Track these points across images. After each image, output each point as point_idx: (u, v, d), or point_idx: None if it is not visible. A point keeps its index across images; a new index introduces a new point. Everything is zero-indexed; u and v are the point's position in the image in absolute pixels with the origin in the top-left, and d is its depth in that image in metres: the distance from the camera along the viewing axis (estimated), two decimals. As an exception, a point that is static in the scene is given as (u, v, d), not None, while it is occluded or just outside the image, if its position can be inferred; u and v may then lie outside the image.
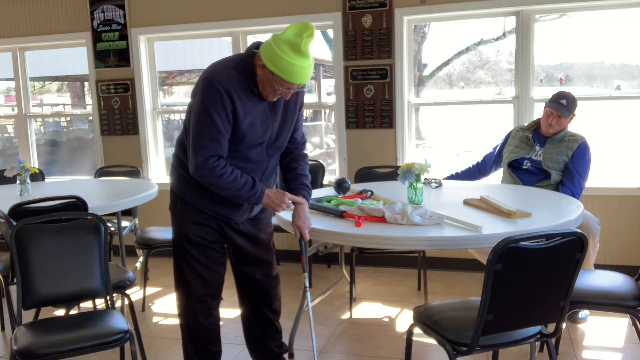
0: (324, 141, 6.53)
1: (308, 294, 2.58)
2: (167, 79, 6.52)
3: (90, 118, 5.62)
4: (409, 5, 4.32)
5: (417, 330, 2.33)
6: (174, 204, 2.60)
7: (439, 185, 3.50)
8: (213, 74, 2.30)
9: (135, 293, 4.17)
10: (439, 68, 5.23)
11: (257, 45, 2.33)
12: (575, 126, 3.71)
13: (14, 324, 2.92)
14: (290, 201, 2.47)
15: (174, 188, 2.58)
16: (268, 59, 2.22)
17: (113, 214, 3.76)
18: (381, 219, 2.59)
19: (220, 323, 2.75)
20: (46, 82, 7.87)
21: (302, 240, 2.52)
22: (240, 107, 2.30)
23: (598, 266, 3.67)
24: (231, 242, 2.63)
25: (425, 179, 3.45)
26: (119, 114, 5.16)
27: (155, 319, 3.80)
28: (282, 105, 2.47)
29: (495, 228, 2.43)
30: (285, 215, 2.75)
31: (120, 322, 2.47)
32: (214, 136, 2.28)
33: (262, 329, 2.80)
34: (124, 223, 4.28)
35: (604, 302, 2.53)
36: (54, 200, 3.08)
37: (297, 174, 2.59)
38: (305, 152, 2.70)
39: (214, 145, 2.29)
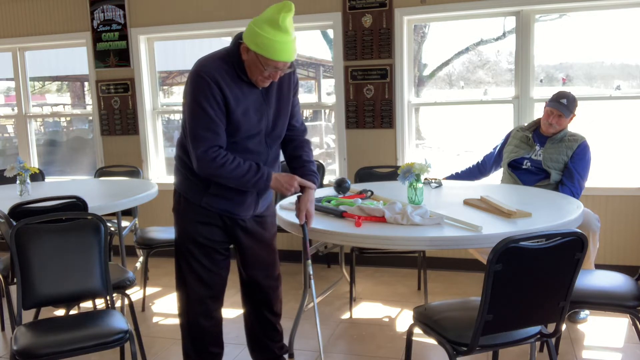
0: (324, 141, 6.53)
1: (312, 282, 2.49)
2: (167, 79, 6.52)
3: (90, 118, 5.62)
4: (409, 5, 4.32)
5: (417, 330, 2.33)
6: (177, 204, 2.59)
7: (439, 185, 3.50)
8: (199, 66, 2.32)
9: (135, 293, 4.17)
10: (439, 68, 5.23)
11: (241, 36, 2.33)
12: (575, 126, 3.71)
13: (14, 324, 2.92)
14: (299, 186, 2.43)
15: (177, 188, 2.58)
16: (250, 41, 2.23)
17: (113, 214, 3.76)
18: (381, 219, 2.59)
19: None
20: (46, 82, 7.87)
21: (305, 226, 2.47)
22: (230, 96, 2.30)
23: (598, 266, 3.67)
24: (237, 241, 2.62)
25: (425, 179, 3.45)
26: (119, 114, 5.16)
27: (155, 319, 3.80)
28: (275, 93, 2.46)
29: (495, 228, 2.43)
30: (286, 215, 2.75)
31: (120, 322, 2.47)
32: (210, 127, 2.29)
33: (262, 331, 2.80)
34: (124, 223, 4.28)
35: (604, 302, 2.53)
36: (54, 200, 3.08)
37: (304, 161, 2.56)
38: (307, 137, 2.66)
39: (211, 135, 2.30)
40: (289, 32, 2.21)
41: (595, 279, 2.75)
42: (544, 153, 3.60)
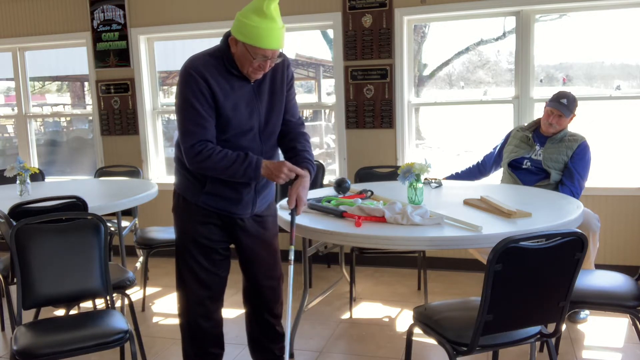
0: (324, 141, 6.53)
1: (291, 267, 2.40)
2: (167, 79, 6.51)
3: (90, 118, 5.62)
4: (409, 5, 4.32)
5: (417, 330, 2.33)
6: (176, 204, 2.59)
7: (439, 185, 3.50)
8: (188, 64, 2.33)
9: (135, 293, 4.17)
10: (439, 68, 5.23)
11: (230, 32, 2.34)
12: (575, 126, 3.71)
13: (14, 324, 2.92)
14: (292, 173, 2.35)
15: (177, 188, 2.58)
16: (237, 31, 2.25)
17: (113, 214, 3.76)
18: (381, 219, 2.59)
19: (220, 323, 2.74)
20: (46, 82, 7.87)
21: (293, 212, 2.43)
22: (218, 90, 2.30)
23: (598, 266, 3.68)
24: (236, 240, 2.61)
25: (425, 179, 3.45)
26: (119, 114, 5.16)
27: (155, 319, 3.80)
28: (267, 88, 2.45)
29: (495, 228, 2.44)
30: (286, 215, 2.74)
31: (120, 322, 2.47)
32: (198, 121, 2.30)
33: (262, 332, 2.79)
34: (124, 223, 4.28)
35: (604, 302, 2.53)
36: (54, 200, 3.08)
37: (298, 150, 2.51)
38: (304, 130, 2.60)
39: (199, 130, 2.30)
40: (274, 19, 2.21)
41: (595, 279, 2.75)
42: (544, 153, 3.61)
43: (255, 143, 2.46)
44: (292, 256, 2.40)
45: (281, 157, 2.66)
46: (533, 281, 2.02)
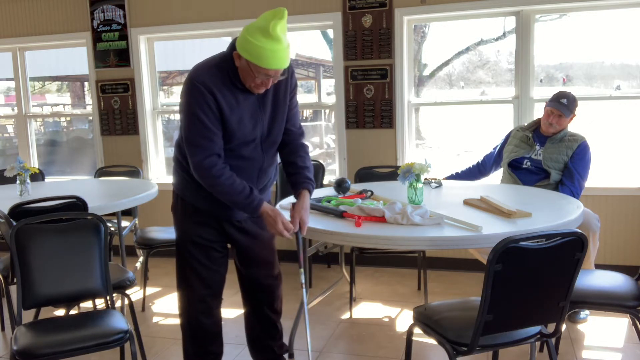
0: (324, 141, 6.53)
1: (304, 291, 2.49)
2: (167, 79, 6.52)
3: (90, 118, 5.62)
4: (409, 5, 4.32)
5: (417, 330, 2.33)
6: (175, 204, 2.60)
7: (439, 185, 3.50)
8: (194, 74, 2.32)
9: (135, 293, 4.17)
10: (439, 68, 5.23)
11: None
12: (575, 126, 3.71)
13: (14, 324, 2.92)
14: (283, 231, 2.36)
15: (175, 188, 2.59)
16: (241, 48, 2.23)
17: (113, 214, 3.76)
18: (381, 219, 2.59)
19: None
20: (46, 82, 7.87)
21: (299, 235, 2.44)
22: (224, 103, 2.30)
23: (598, 266, 3.68)
24: (233, 240, 2.62)
25: (425, 179, 3.45)
26: (119, 114, 5.16)
27: (155, 319, 3.80)
28: (271, 98, 2.45)
29: (495, 228, 2.43)
30: (286, 215, 2.75)
31: (120, 322, 2.47)
32: (206, 135, 2.29)
33: (263, 329, 2.80)
34: (124, 223, 4.28)
35: (604, 302, 2.53)
36: (54, 200, 3.08)
37: (299, 167, 2.53)
38: (304, 141, 2.62)
39: (207, 143, 2.30)
40: (280, 40, 2.20)
41: (595, 279, 2.75)
42: (544, 153, 3.61)
43: (257, 152, 2.47)
44: (303, 279, 2.45)
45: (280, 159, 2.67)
46: (533, 281, 2.02)
